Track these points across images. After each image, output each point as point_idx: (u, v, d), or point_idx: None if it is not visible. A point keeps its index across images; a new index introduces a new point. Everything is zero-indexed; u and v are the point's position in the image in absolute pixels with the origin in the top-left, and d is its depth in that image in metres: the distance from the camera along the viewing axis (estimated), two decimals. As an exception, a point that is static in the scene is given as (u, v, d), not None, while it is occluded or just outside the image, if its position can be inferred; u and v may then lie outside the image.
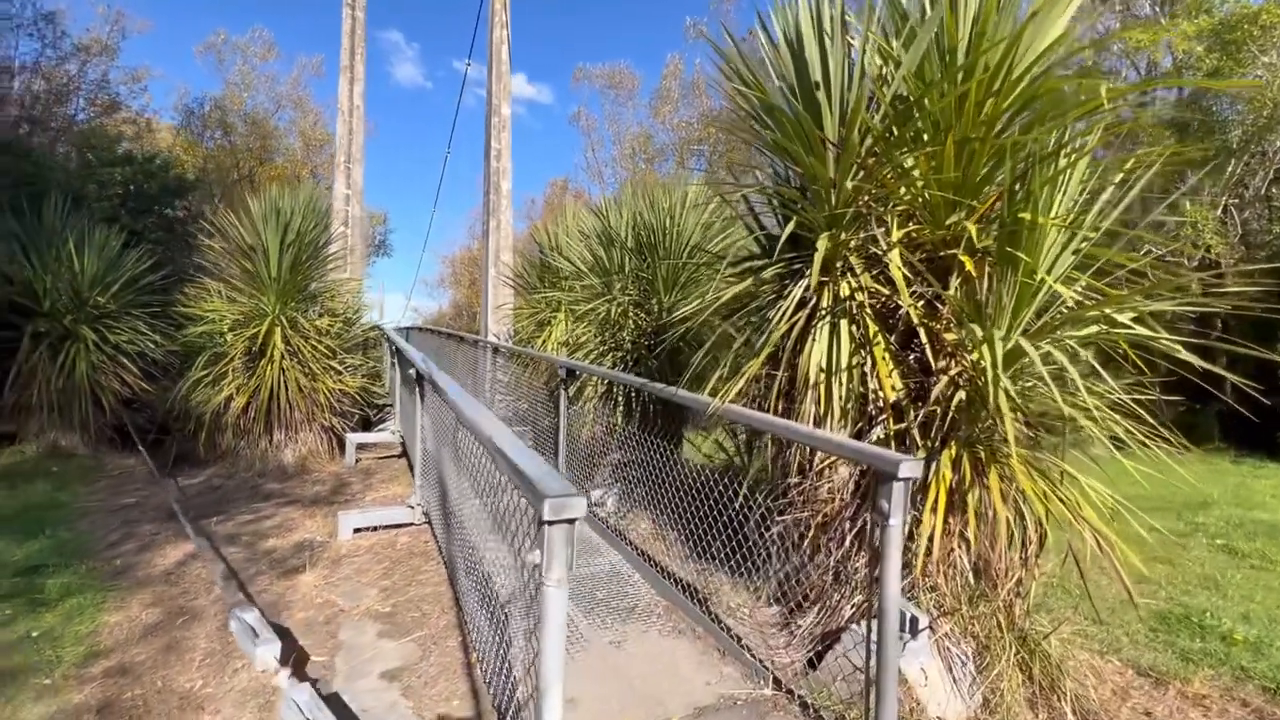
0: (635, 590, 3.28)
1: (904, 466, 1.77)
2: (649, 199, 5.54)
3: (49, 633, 2.97)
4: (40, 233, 7.89)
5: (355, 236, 10.75)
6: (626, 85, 25.64)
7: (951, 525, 2.53)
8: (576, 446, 5.26)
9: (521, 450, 1.71)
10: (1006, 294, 2.34)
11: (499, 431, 1.95)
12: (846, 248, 2.83)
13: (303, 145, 21.31)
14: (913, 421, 2.50)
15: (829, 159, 2.79)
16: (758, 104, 2.87)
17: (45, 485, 6.27)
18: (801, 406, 2.80)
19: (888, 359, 2.60)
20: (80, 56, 14.95)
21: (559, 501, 1.33)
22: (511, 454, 1.69)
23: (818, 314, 2.82)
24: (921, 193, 2.66)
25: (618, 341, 5.50)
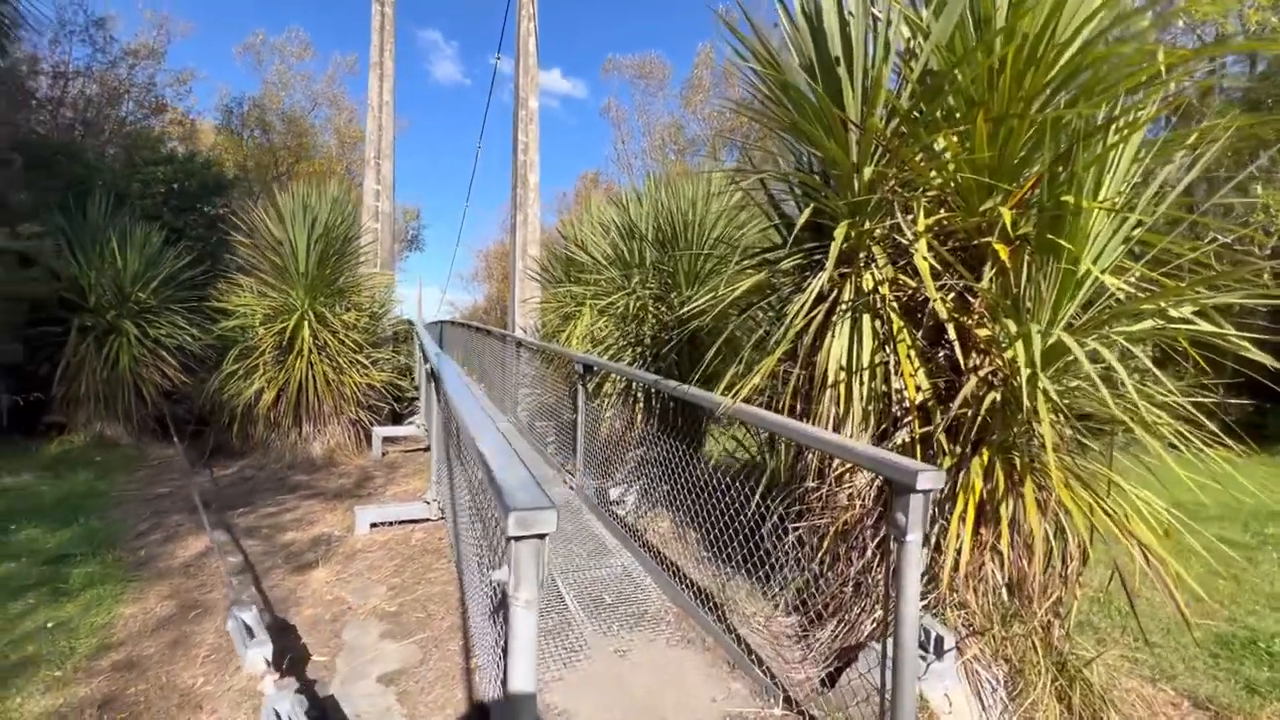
0: (646, 595, 3.15)
1: (923, 477, 1.60)
2: (671, 188, 5.38)
3: (66, 623, 3.01)
4: (85, 230, 8.18)
5: (385, 231, 10.86)
6: (657, 75, 25.39)
7: (983, 537, 2.33)
8: (595, 442, 5.16)
9: (504, 453, 1.60)
10: (1046, 286, 2.12)
11: (484, 431, 1.84)
12: (870, 237, 2.64)
13: (337, 142, 21.79)
14: (940, 425, 2.30)
15: (850, 141, 2.59)
16: (775, 84, 2.69)
17: (87, 474, 6.49)
18: (819, 407, 2.63)
19: (913, 356, 2.40)
20: (129, 60, 15.53)
21: (526, 515, 1.21)
22: (490, 457, 1.58)
23: (838, 308, 2.64)
24: (952, 176, 2.45)
25: (638, 336, 5.36)
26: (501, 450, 1.63)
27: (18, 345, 7.45)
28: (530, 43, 11.22)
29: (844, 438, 1.97)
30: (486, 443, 1.72)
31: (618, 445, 5.09)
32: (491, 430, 1.85)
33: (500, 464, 1.51)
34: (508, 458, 1.56)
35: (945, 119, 2.48)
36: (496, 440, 1.73)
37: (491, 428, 1.88)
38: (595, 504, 4.54)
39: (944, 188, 2.52)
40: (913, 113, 2.56)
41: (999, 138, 2.28)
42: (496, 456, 1.57)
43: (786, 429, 2.17)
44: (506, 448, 1.66)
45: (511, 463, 1.52)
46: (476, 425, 1.95)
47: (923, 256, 2.27)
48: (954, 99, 2.43)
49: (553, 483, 5.19)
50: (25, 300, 7.33)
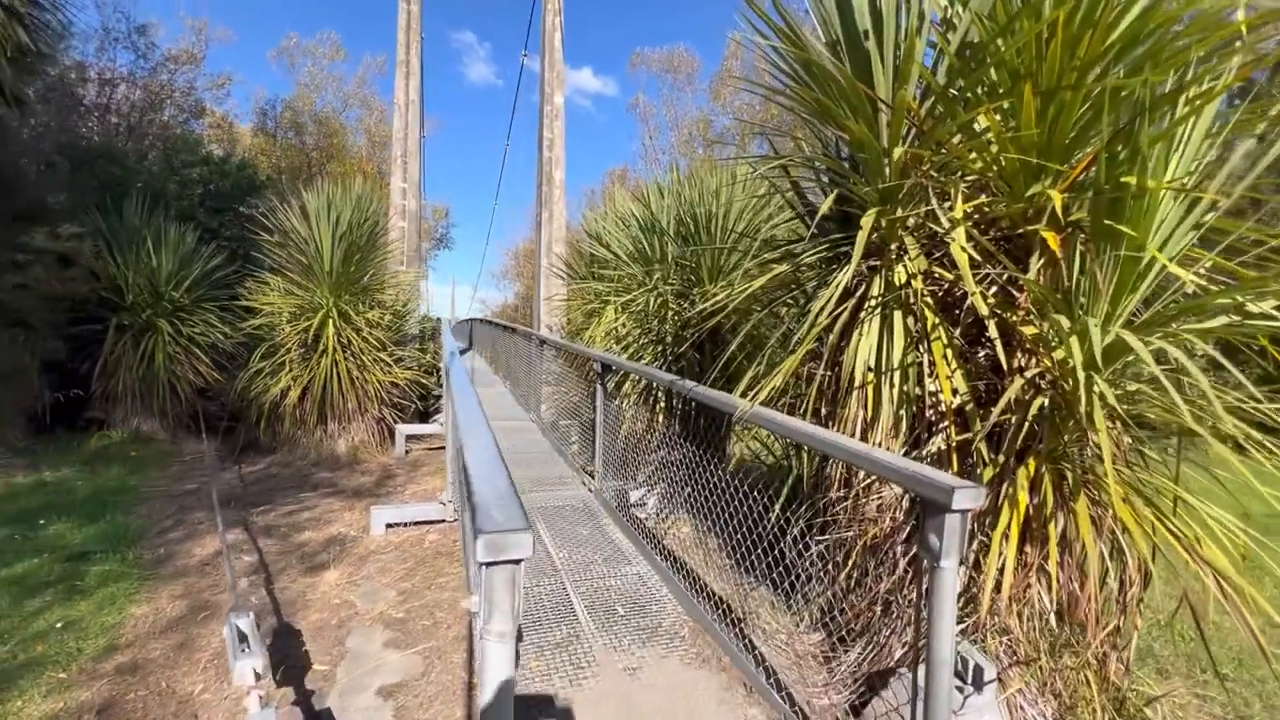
0: (661, 607, 3.00)
1: (960, 496, 1.40)
2: (694, 180, 5.20)
3: (77, 623, 3.00)
4: (123, 231, 8.38)
5: (411, 229, 10.91)
6: (685, 69, 25.10)
7: (1028, 557, 2.11)
8: (616, 443, 5.02)
9: (489, 461, 1.46)
10: (1104, 277, 1.89)
11: (475, 433, 1.71)
12: (902, 226, 2.42)
13: (368, 142, 22.12)
14: (980, 431, 2.08)
15: (880, 123, 2.38)
16: (797, 62, 2.49)
17: (121, 469, 6.63)
18: (845, 410, 2.43)
19: (950, 356, 2.19)
20: (170, 66, 15.99)
21: (496, 539, 1.07)
22: (473, 466, 1.44)
23: (866, 304, 2.43)
24: (995, 158, 2.22)
25: (659, 334, 5.20)
26: (487, 458, 1.49)
27: (59, 343, 7.67)
28: (556, 38, 11.13)
29: (870, 447, 1.78)
30: (473, 449, 1.58)
31: (638, 446, 4.95)
32: (483, 433, 1.71)
33: (482, 473, 1.37)
34: (491, 466, 1.42)
35: (987, 94, 2.25)
36: (485, 446, 1.59)
37: (484, 431, 1.74)
38: (614, 507, 4.39)
39: (985, 171, 2.30)
40: (949, 89, 2.34)
41: (1048, 113, 2.04)
42: (480, 465, 1.43)
43: (807, 436, 1.99)
44: (493, 455, 1.52)
45: (494, 472, 1.38)
46: (468, 427, 1.82)
47: (961, 246, 2.05)
48: (996, 72, 2.20)
49: (571, 484, 5.07)
50: (66, 300, 7.54)
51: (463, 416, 1.95)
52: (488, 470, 1.39)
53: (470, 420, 1.90)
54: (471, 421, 1.88)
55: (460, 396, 2.36)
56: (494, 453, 1.53)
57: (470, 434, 1.72)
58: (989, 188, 2.37)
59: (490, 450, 1.55)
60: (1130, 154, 1.87)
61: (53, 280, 7.21)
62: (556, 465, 5.66)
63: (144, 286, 8.30)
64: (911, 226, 2.47)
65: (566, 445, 6.19)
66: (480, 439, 1.65)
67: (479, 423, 1.85)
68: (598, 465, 4.78)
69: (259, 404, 7.27)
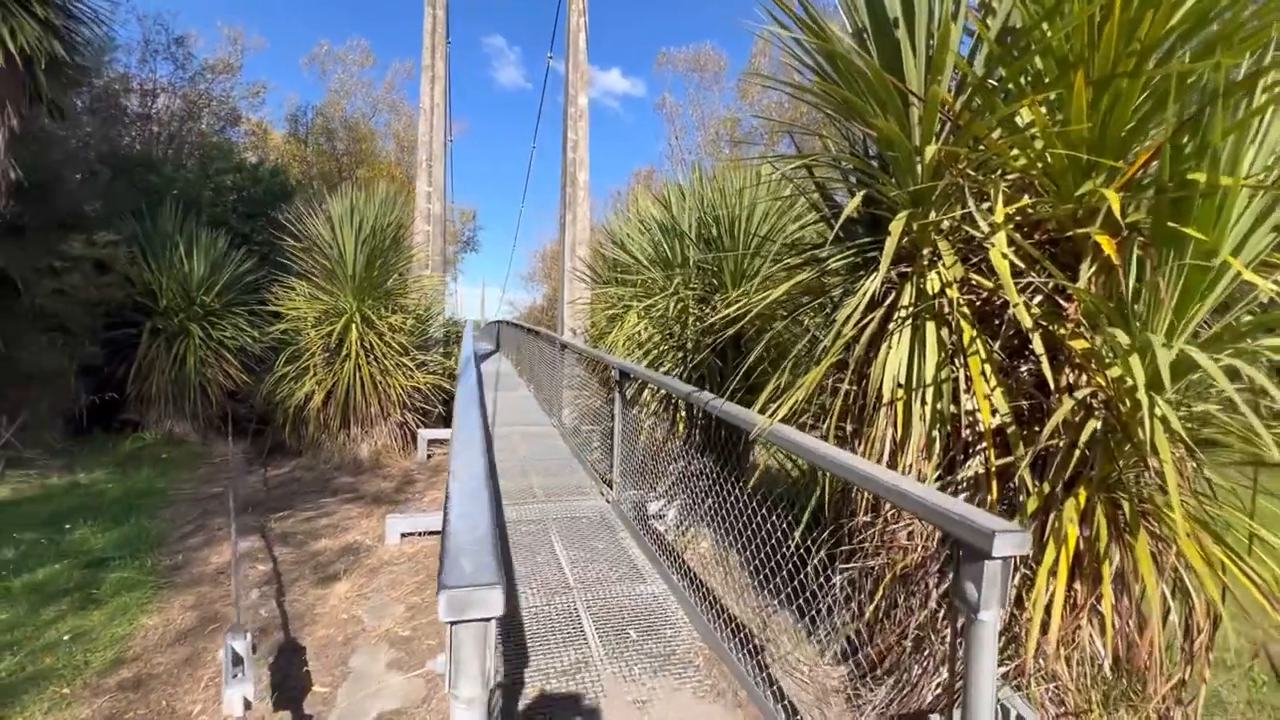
0: (675, 632, 2.85)
1: (1002, 541, 1.23)
2: (716, 181, 5.03)
3: (88, 634, 2.99)
4: (157, 237, 8.57)
5: (436, 233, 10.96)
6: (711, 67, 24.84)
7: (1077, 595, 1.90)
8: (635, 452, 4.88)
9: (472, 494, 1.33)
10: (1166, 286, 1.68)
11: (465, 454, 1.58)
12: (935, 230, 2.24)
13: (396, 147, 22.45)
14: (1023, 456, 1.88)
15: (911, 119, 2.20)
16: (820, 54, 2.32)
17: (151, 472, 6.74)
18: (872, 429, 2.25)
19: (989, 372, 1.99)
20: (208, 76, 16.44)
21: (460, 595, 0.94)
22: (455, 497, 1.32)
23: (896, 313, 2.25)
24: (1040, 155, 2.02)
25: (680, 340, 5.05)
26: (471, 489, 1.36)
27: (96, 347, 7.87)
28: (580, 38, 11.06)
29: (898, 477, 1.61)
30: (459, 475, 1.46)
31: (658, 456, 4.80)
32: (474, 459, 1.58)
33: (462, 508, 1.25)
34: (474, 501, 1.29)
35: (1031, 85, 2.05)
36: (472, 475, 1.46)
37: (476, 456, 1.61)
38: (632, 519, 4.26)
39: (1028, 169, 2.10)
40: (988, 80, 2.15)
41: (1101, 104, 1.84)
42: (462, 499, 1.30)
43: (830, 462, 1.82)
44: (479, 486, 1.39)
45: (476, 508, 1.25)
46: (459, 448, 1.70)
47: (1001, 252, 1.86)
48: (1042, 60, 2.00)
49: (589, 493, 4.95)
50: (102, 305, 7.73)
51: (458, 434, 1.83)
52: (469, 506, 1.27)
53: (464, 440, 1.78)
54: (465, 442, 1.76)
55: (461, 408, 2.25)
56: (480, 483, 1.41)
57: (460, 457, 1.59)
58: (1032, 188, 2.17)
59: (477, 480, 1.42)
60: (1198, 147, 1.66)
61: (90, 286, 7.39)
62: (575, 474, 5.55)
63: (177, 291, 8.48)
64: (946, 230, 2.28)
65: (587, 452, 6.08)
66: (469, 465, 1.53)
67: (473, 444, 1.72)
68: (615, 475, 4.65)
69: (284, 408, 7.34)
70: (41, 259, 7.01)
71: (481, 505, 1.28)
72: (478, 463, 1.54)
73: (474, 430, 1.90)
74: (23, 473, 6.35)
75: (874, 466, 1.72)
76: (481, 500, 1.31)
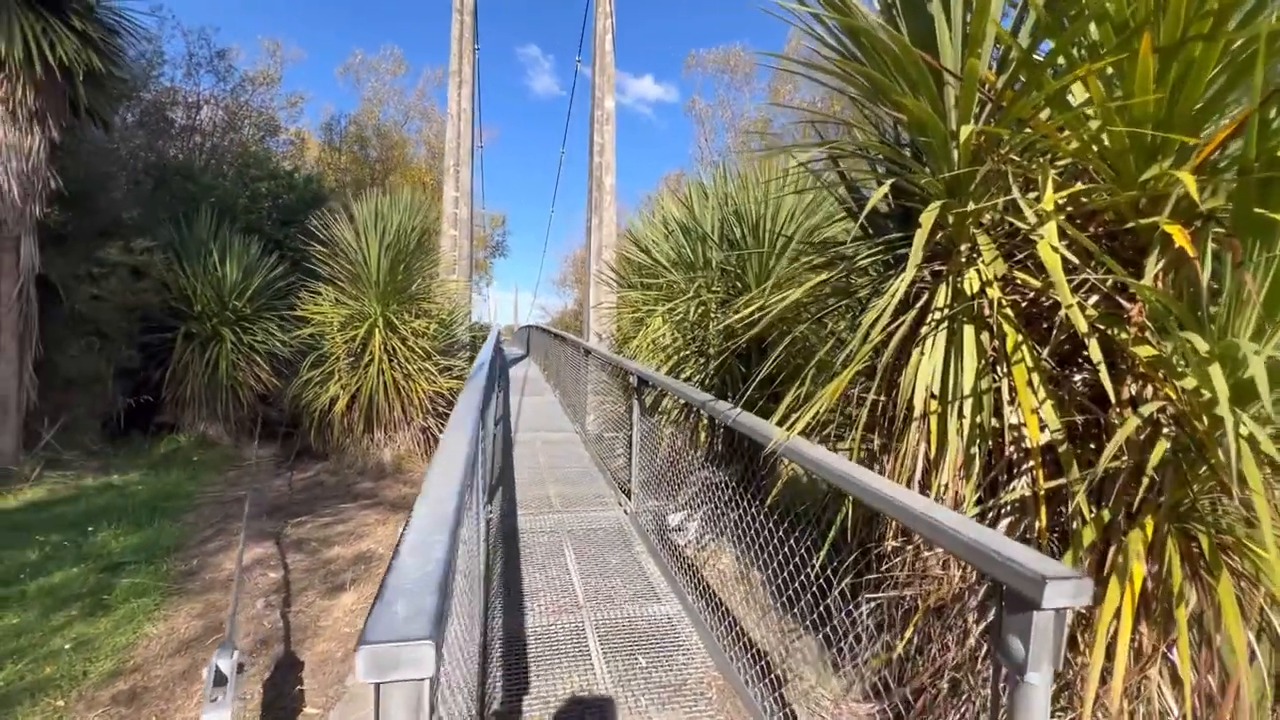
0: (688, 658, 2.65)
1: (1055, 590, 1.01)
2: (742, 179, 4.83)
3: (91, 642, 2.95)
4: (192, 243, 8.77)
5: (463, 238, 10.99)
6: (742, 68, 24.54)
7: (1143, 640, 1.65)
8: (656, 462, 4.71)
9: (436, 521, 1.17)
10: (1254, 283, 1.43)
11: (439, 481, 1.43)
12: (975, 222, 2.01)
13: (428, 153, 22.78)
14: (1078, 479, 1.64)
15: (946, 99, 1.98)
16: (843, 31, 2.12)
17: (181, 474, 6.84)
18: (903, 444, 2.03)
19: (1036, 382, 1.76)
20: (248, 87, 16.94)
21: (384, 652, 0.77)
22: (414, 523, 1.16)
23: (929, 316, 2.03)
24: (1095, 135, 1.78)
25: (701, 345, 4.85)
26: (436, 517, 1.20)
27: (133, 351, 8.07)
28: (607, 41, 10.99)
29: (929, 504, 1.39)
30: (428, 497, 1.30)
31: (678, 464, 4.62)
32: (449, 483, 1.42)
33: (417, 539, 1.09)
34: (436, 528, 1.13)
35: (1084, 57, 1.81)
36: (441, 499, 1.30)
37: (452, 480, 1.44)
38: (649, 531, 4.08)
39: (1082, 152, 1.86)
40: (1034, 53, 1.92)
41: (1169, 75, 1.60)
42: (420, 528, 1.14)
43: (851, 483, 1.61)
44: (445, 514, 1.22)
45: (435, 537, 1.09)
46: (438, 466, 1.54)
47: (1052, 246, 1.63)
48: (1098, 28, 1.77)
49: (608, 504, 4.79)
50: (138, 310, 7.92)
51: (442, 448, 1.67)
52: (429, 533, 1.11)
53: (448, 456, 1.62)
54: (448, 458, 1.60)
55: (456, 420, 2.09)
56: (451, 506, 1.25)
57: (434, 478, 1.43)
58: (1086, 174, 1.93)
59: (444, 507, 1.26)
60: (1292, 120, 1.41)
61: (127, 292, 7.58)
62: (595, 483, 5.40)
63: (210, 296, 8.65)
64: (986, 224, 2.05)
65: (611, 459, 5.93)
66: (441, 488, 1.37)
67: (454, 465, 1.55)
68: (634, 486, 4.48)
69: (309, 412, 7.38)
70: (81, 265, 7.21)
71: (444, 534, 1.12)
72: (450, 487, 1.38)
73: (459, 450, 1.73)
74: (60, 473, 6.51)
75: (902, 491, 1.51)
76: (445, 528, 1.15)
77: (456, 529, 1.19)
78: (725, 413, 2.57)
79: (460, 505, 1.27)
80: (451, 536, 1.13)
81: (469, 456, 1.64)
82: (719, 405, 2.73)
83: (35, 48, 5.73)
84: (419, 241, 7.71)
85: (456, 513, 1.25)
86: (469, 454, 1.62)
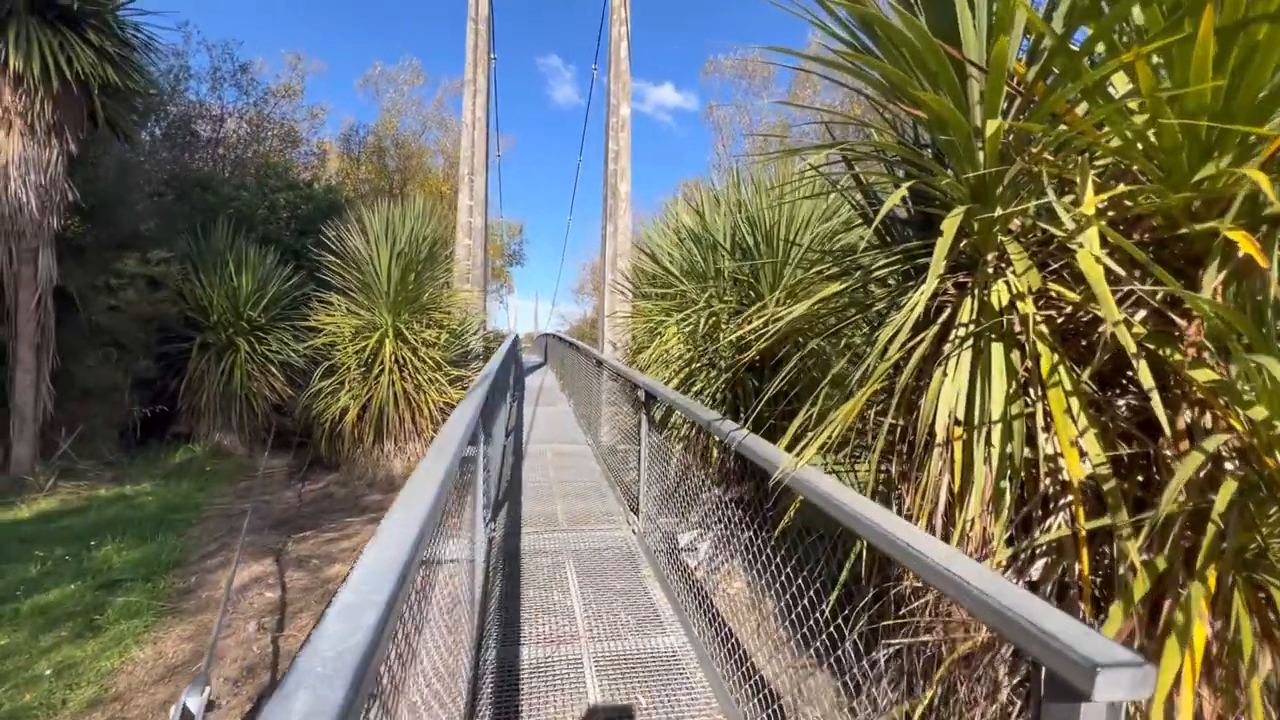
0: (692, 699, 2.47)
1: (1107, 679, 0.83)
2: (754, 183, 4.67)
3: (75, 666, 2.86)
4: (208, 254, 8.83)
5: (477, 247, 10.95)
6: (760, 73, 24.35)
7: (1206, 706, 1.44)
8: (666, 477, 4.53)
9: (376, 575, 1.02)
10: (1338, 299, 1.23)
11: (400, 519, 1.27)
12: (1004, 228, 1.82)
13: (445, 163, 22.94)
14: (1125, 521, 1.44)
15: (970, 92, 1.80)
16: (856, 19, 1.94)
17: (192, 485, 6.83)
18: (924, 474, 1.84)
19: (1076, 408, 1.56)
20: (271, 100, 17.23)
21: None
22: (358, 572, 1.01)
23: (953, 332, 1.84)
24: (1141, 131, 1.59)
25: (712, 358, 4.68)
26: (381, 567, 1.05)
27: (149, 361, 8.12)
28: (622, 48, 10.91)
29: (952, 553, 1.20)
30: (381, 539, 1.15)
31: (688, 482, 4.44)
32: (407, 525, 1.26)
33: (352, 596, 0.93)
34: (375, 590, 0.97)
35: (1127, 44, 1.62)
36: (397, 543, 1.15)
37: (412, 522, 1.29)
38: (657, 553, 3.90)
39: (1126, 150, 1.66)
40: (1069, 41, 1.72)
41: (1229, 59, 1.41)
42: (362, 578, 0.99)
43: (863, 525, 1.43)
44: (396, 561, 1.07)
45: (368, 600, 0.94)
46: (405, 500, 1.39)
47: (1094, 257, 1.43)
48: (1144, 11, 1.57)
49: (616, 522, 4.62)
50: (155, 320, 7.98)
51: (414, 479, 1.51)
52: (361, 597, 0.95)
53: (416, 493, 1.45)
54: (415, 495, 1.43)
55: (437, 446, 1.94)
56: (398, 561, 1.09)
57: (394, 516, 1.28)
58: (1127, 174, 1.73)
59: (395, 554, 1.10)
60: (1381, 107, 1.21)
61: (144, 302, 7.64)
62: (604, 499, 5.24)
63: (226, 306, 8.69)
64: (1016, 230, 1.86)
65: (623, 472, 5.77)
66: (397, 530, 1.21)
67: (419, 502, 1.39)
68: (642, 504, 4.31)
69: (320, 422, 7.35)
70: (99, 277, 7.28)
71: (384, 592, 0.96)
72: (407, 531, 1.22)
73: (433, 478, 1.57)
74: (74, 484, 6.53)
75: (921, 537, 1.32)
76: (387, 585, 0.99)
77: (401, 587, 1.03)
78: (731, 434, 2.39)
79: (413, 559, 1.11)
80: (393, 597, 0.97)
81: (440, 493, 1.47)
82: (725, 425, 2.55)
83: (52, 62, 5.79)
84: (430, 250, 7.65)
85: (406, 566, 1.09)
86: (438, 493, 1.46)
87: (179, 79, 15.30)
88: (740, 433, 2.36)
